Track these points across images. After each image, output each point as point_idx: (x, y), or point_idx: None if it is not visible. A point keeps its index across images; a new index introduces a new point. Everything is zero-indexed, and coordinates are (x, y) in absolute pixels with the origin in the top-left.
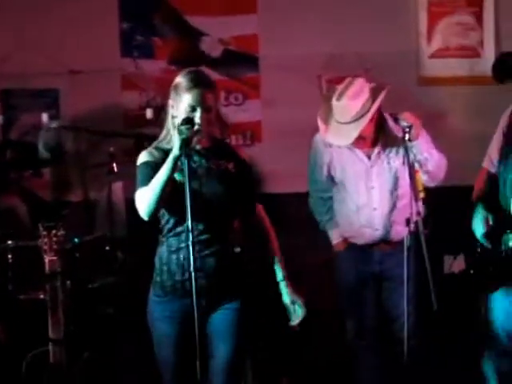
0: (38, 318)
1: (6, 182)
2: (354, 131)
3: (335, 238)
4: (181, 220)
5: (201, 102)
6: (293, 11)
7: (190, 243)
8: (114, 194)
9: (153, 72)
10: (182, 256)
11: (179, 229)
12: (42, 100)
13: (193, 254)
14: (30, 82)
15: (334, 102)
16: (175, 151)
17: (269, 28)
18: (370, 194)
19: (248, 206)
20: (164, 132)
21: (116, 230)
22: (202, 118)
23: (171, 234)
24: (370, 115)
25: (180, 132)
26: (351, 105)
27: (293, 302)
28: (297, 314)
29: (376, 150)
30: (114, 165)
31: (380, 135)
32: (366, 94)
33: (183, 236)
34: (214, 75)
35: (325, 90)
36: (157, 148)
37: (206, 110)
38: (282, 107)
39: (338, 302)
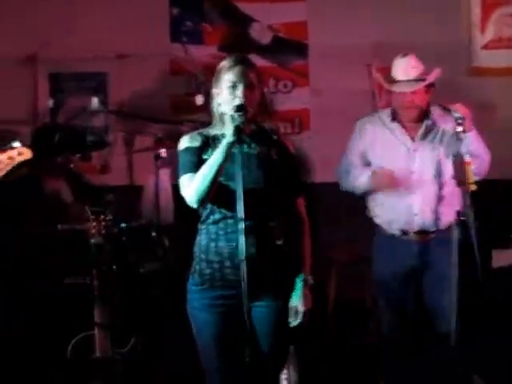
0: (84, 302)
1: (53, 165)
2: (415, 86)
3: (367, 172)
4: (218, 207)
5: (242, 78)
6: None
7: (240, 231)
8: (161, 180)
9: (202, 58)
10: (220, 244)
11: (217, 216)
12: (90, 84)
13: (235, 243)
14: (78, 65)
15: (399, 58)
16: (229, 138)
17: (318, 15)
18: (409, 178)
19: (290, 196)
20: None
21: (162, 216)
22: (244, 94)
23: (210, 221)
24: (430, 79)
25: (233, 119)
26: (415, 63)
27: (296, 311)
28: (293, 321)
29: (419, 134)
30: (162, 150)
31: (425, 121)
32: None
33: (221, 223)
34: (262, 62)
35: (375, 78)
36: (199, 133)
37: (247, 87)
38: (330, 95)
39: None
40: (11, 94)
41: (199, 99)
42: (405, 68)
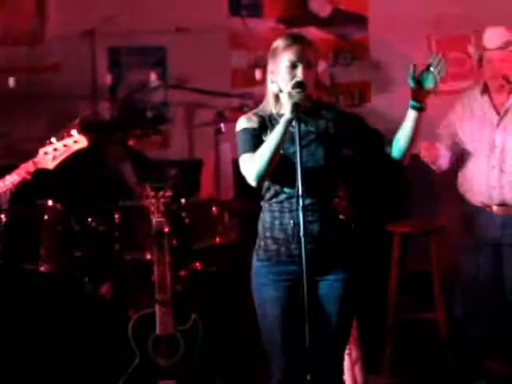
0: (143, 278)
1: (113, 141)
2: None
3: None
4: (282, 187)
5: (301, 57)
6: None
7: (300, 208)
8: (222, 154)
9: (261, 31)
10: (285, 221)
11: (281, 196)
12: (148, 58)
13: (297, 220)
14: (137, 39)
15: (488, 28)
16: (287, 115)
17: None
18: (491, 151)
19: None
20: (265, 98)
21: (223, 191)
22: (303, 74)
23: (273, 200)
24: None
25: (291, 96)
26: (504, 32)
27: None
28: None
29: (506, 106)
30: (222, 125)
31: None
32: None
33: (286, 202)
34: (322, 34)
35: (434, 50)
36: (255, 113)
37: (307, 66)
38: (390, 68)
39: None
40: (70, 69)
41: (258, 74)
42: (492, 36)
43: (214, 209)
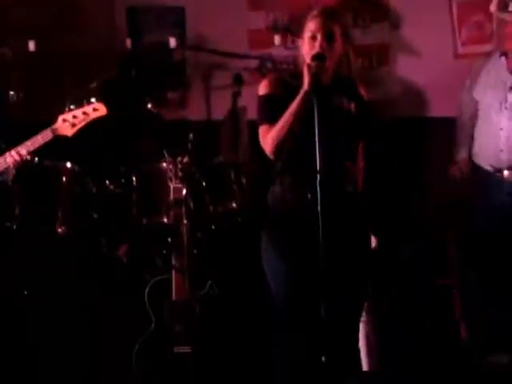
0: (160, 242)
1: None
2: None
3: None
4: (295, 158)
5: (322, 30)
6: None
7: (316, 183)
8: (239, 116)
9: None
10: (296, 194)
11: (293, 167)
12: (167, 18)
13: (313, 194)
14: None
15: None
16: (305, 87)
17: None
18: (500, 114)
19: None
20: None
21: (240, 153)
22: (322, 45)
23: (286, 173)
24: None
25: (309, 68)
26: None
27: None
28: None
29: None
30: (240, 87)
31: None
32: None
33: (297, 175)
34: None
35: (455, 14)
36: (283, 79)
37: (326, 39)
38: (410, 29)
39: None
40: (90, 28)
41: (277, 40)
42: None
43: (231, 172)
